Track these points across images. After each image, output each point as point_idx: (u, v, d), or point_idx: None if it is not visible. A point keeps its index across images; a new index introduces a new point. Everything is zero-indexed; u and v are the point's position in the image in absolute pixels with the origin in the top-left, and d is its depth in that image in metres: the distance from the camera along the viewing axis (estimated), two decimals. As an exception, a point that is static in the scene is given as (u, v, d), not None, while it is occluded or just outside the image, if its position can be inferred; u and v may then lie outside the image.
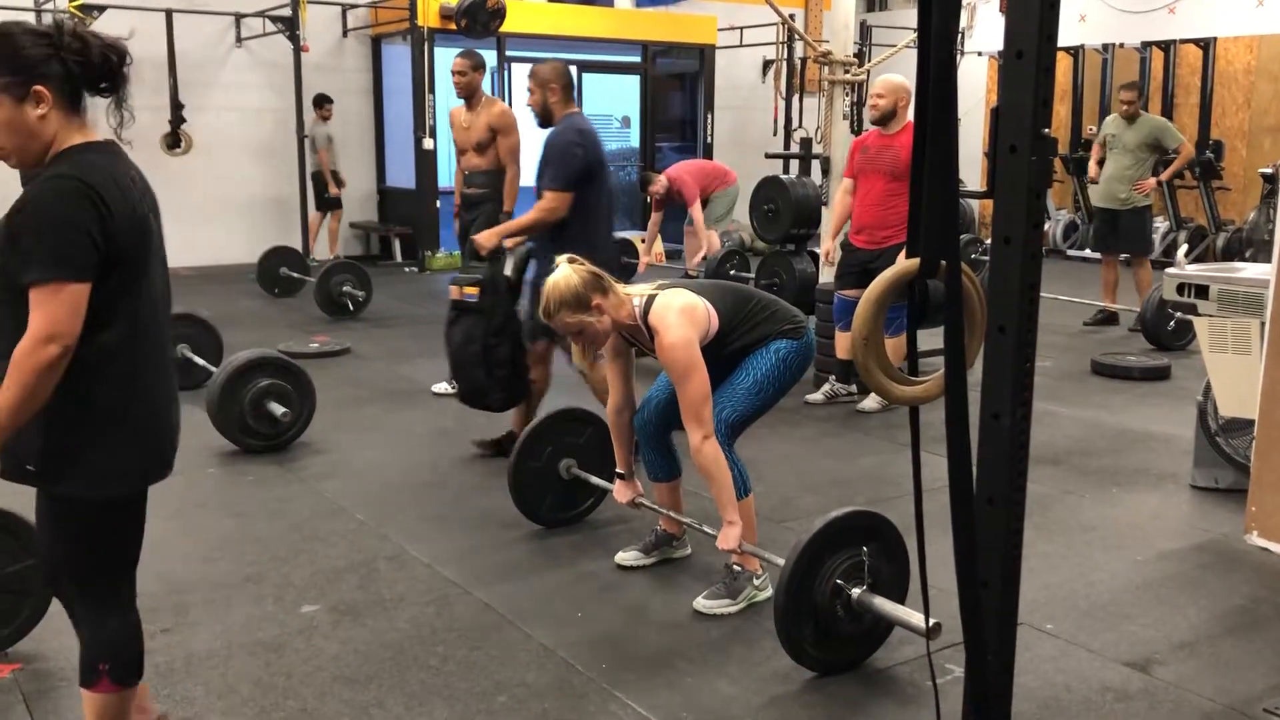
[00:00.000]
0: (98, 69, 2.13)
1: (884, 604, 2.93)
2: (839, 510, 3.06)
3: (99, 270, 2.04)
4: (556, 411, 4.13)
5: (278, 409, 5.01)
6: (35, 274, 1.98)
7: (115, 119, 2.18)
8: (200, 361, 6.04)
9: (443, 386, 6.11)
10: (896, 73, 5.92)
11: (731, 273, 8.46)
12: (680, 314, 3.30)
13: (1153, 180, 8.16)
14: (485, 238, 4.69)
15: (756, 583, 3.42)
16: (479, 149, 6.17)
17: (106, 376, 2.11)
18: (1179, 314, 4.56)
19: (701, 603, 3.39)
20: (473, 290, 4.63)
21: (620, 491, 3.77)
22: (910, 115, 5.89)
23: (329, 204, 11.47)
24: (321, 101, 11.35)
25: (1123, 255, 8.43)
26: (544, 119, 4.74)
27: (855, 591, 2.94)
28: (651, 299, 3.35)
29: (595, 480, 4.03)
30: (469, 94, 6.11)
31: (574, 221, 4.54)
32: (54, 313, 1.98)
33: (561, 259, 3.37)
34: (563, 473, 4.06)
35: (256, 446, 5.02)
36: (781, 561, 2.97)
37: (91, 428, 2.12)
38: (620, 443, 3.72)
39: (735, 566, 3.43)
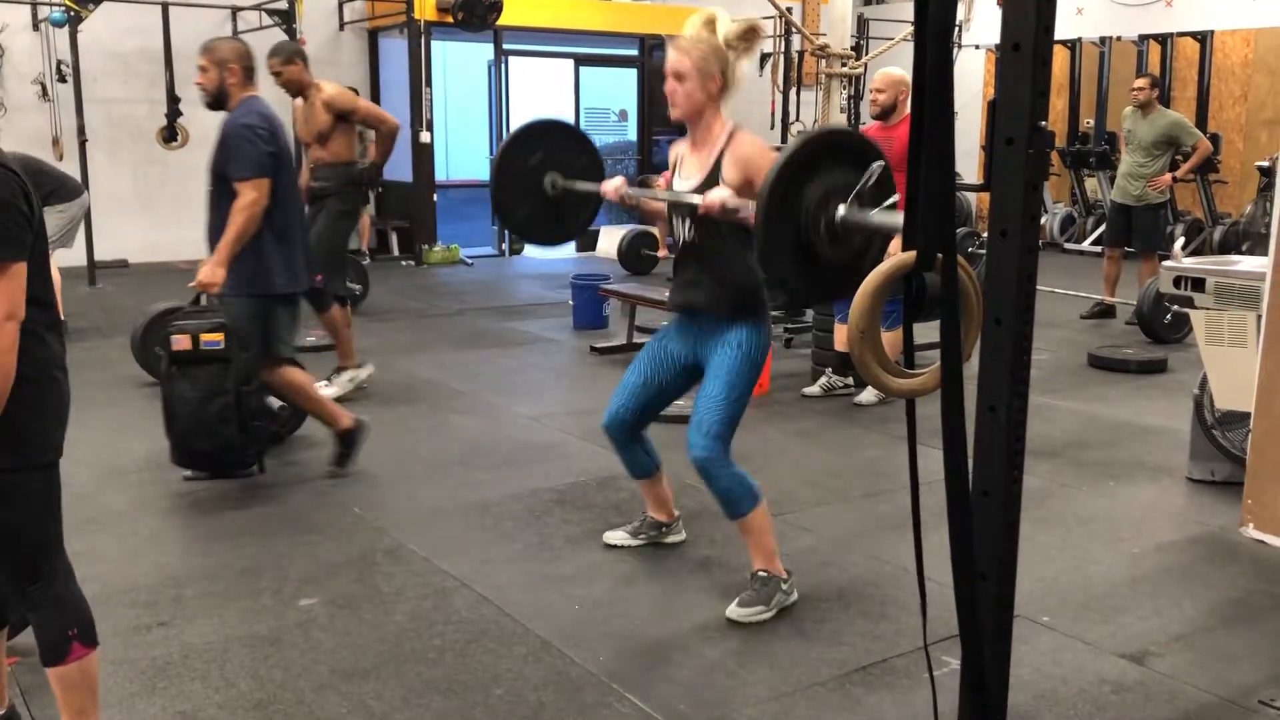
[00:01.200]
0: None
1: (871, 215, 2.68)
2: (820, 129, 2.91)
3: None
4: (557, 121, 3.97)
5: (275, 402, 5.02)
6: None
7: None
8: None
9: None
10: (895, 66, 5.92)
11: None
12: (765, 150, 3.25)
13: (1167, 177, 8.12)
14: (209, 274, 4.23)
15: (785, 587, 3.39)
16: (320, 140, 5.96)
17: (31, 347, 2.14)
18: (1175, 307, 4.55)
19: (736, 610, 3.32)
20: (214, 336, 4.19)
21: (608, 184, 3.64)
22: (906, 108, 5.90)
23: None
24: None
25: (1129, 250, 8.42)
26: (216, 101, 4.39)
27: (840, 209, 2.69)
28: (737, 129, 3.31)
29: (581, 186, 3.76)
30: (297, 89, 5.90)
31: (269, 215, 4.30)
32: (9, 292, 2.04)
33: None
34: (547, 188, 3.82)
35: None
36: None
37: (29, 397, 2.15)
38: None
39: (762, 573, 3.37)
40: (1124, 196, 8.14)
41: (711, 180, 3.25)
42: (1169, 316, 7.28)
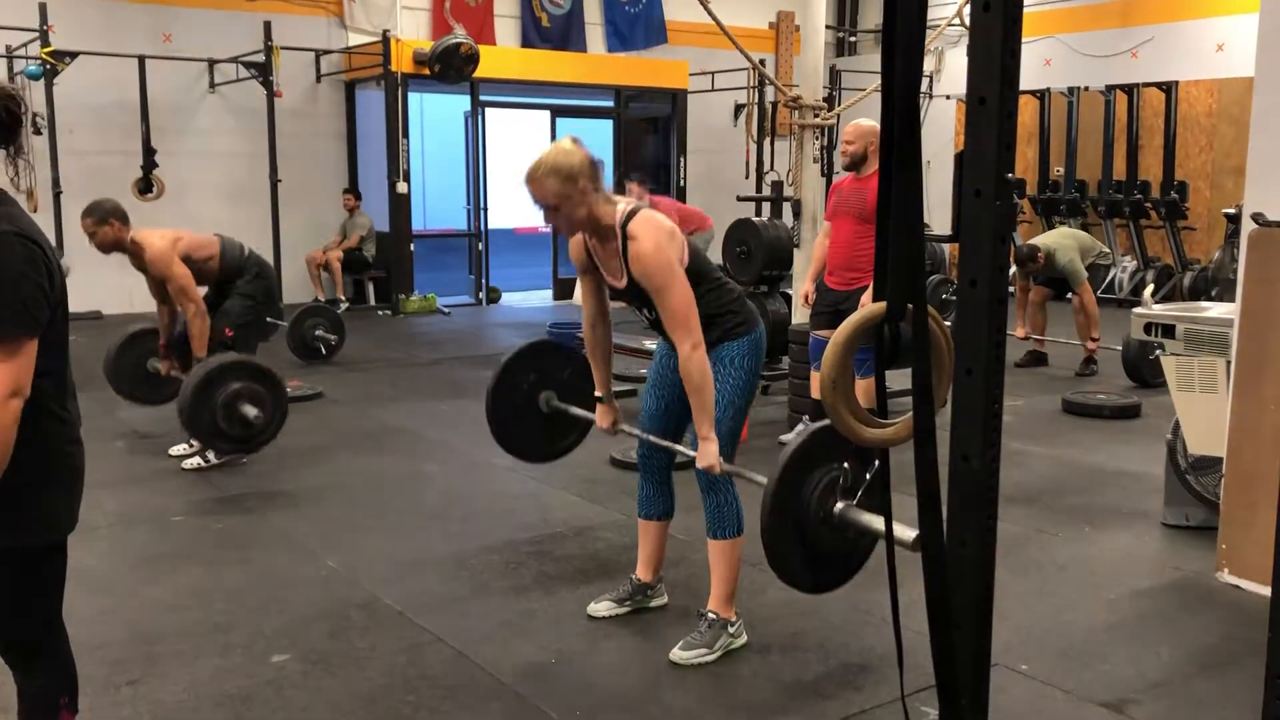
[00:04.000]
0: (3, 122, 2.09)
1: (868, 516, 2.87)
2: (817, 425, 2.99)
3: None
4: (538, 341, 4.01)
5: (250, 411, 5.16)
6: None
7: (11, 171, 2.17)
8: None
9: (182, 448, 5.72)
10: (867, 117, 5.99)
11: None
12: (660, 228, 3.21)
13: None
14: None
15: (731, 630, 3.39)
16: (165, 296, 5.67)
17: (44, 423, 2.11)
18: (1159, 351, 4.57)
19: (678, 654, 3.32)
20: None
21: (601, 416, 3.68)
22: (877, 160, 5.95)
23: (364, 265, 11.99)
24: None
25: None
26: None
27: (838, 506, 2.89)
28: (635, 210, 3.26)
29: (576, 411, 3.85)
30: (115, 248, 5.45)
31: None
32: (17, 368, 1.98)
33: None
34: (542, 405, 3.89)
35: (228, 449, 5.31)
36: (763, 480, 2.95)
37: (39, 474, 2.12)
38: (597, 361, 3.63)
39: (710, 614, 3.39)
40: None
41: (634, 286, 3.28)
42: (1156, 354, 7.33)
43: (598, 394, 3.70)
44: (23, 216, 2.08)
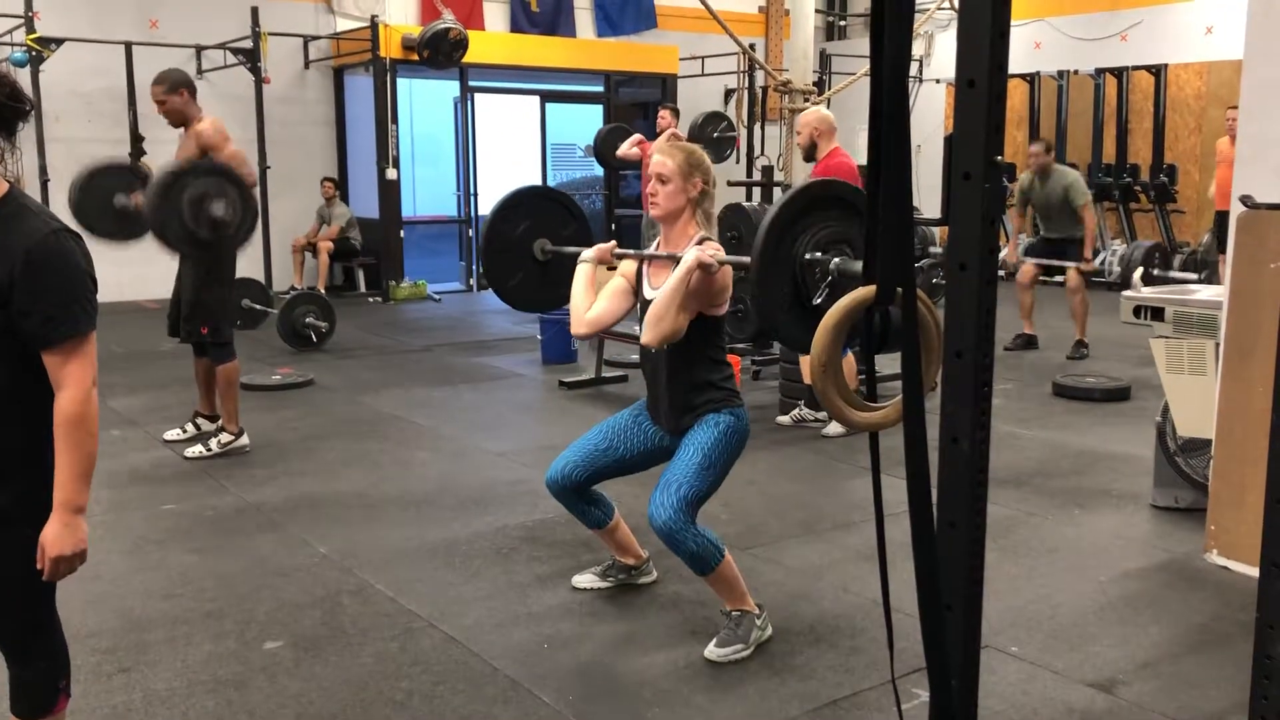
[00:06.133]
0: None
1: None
2: (807, 182, 2.96)
3: None
4: (527, 189, 3.96)
5: (218, 209, 5.04)
6: (78, 327, 2.06)
7: (11, 160, 2.20)
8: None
9: (176, 433, 5.75)
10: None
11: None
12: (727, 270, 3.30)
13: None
14: None
15: (759, 622, 3.37)
16: None
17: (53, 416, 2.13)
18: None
19: (714, 651, 3.27)
20: None
21: (599, 249, 3.60)
22: (833, 143, 5.94)
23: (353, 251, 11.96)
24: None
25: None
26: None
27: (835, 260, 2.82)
28: (708, 238, 3.38)
29: (571, 250, 3.77)
30: (180, 121, 5.49)
31: None
32: (92, 360, 2.10)
33: None
34: (537, 253, 3.84)
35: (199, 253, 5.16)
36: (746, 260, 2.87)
37: (53, 464, 2.13)
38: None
39: (735, 612, 3.35)
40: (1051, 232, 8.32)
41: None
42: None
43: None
44: (47, 209, 2.15)
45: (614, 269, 3.59)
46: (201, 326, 5.40)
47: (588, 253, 3.58)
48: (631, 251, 3.59)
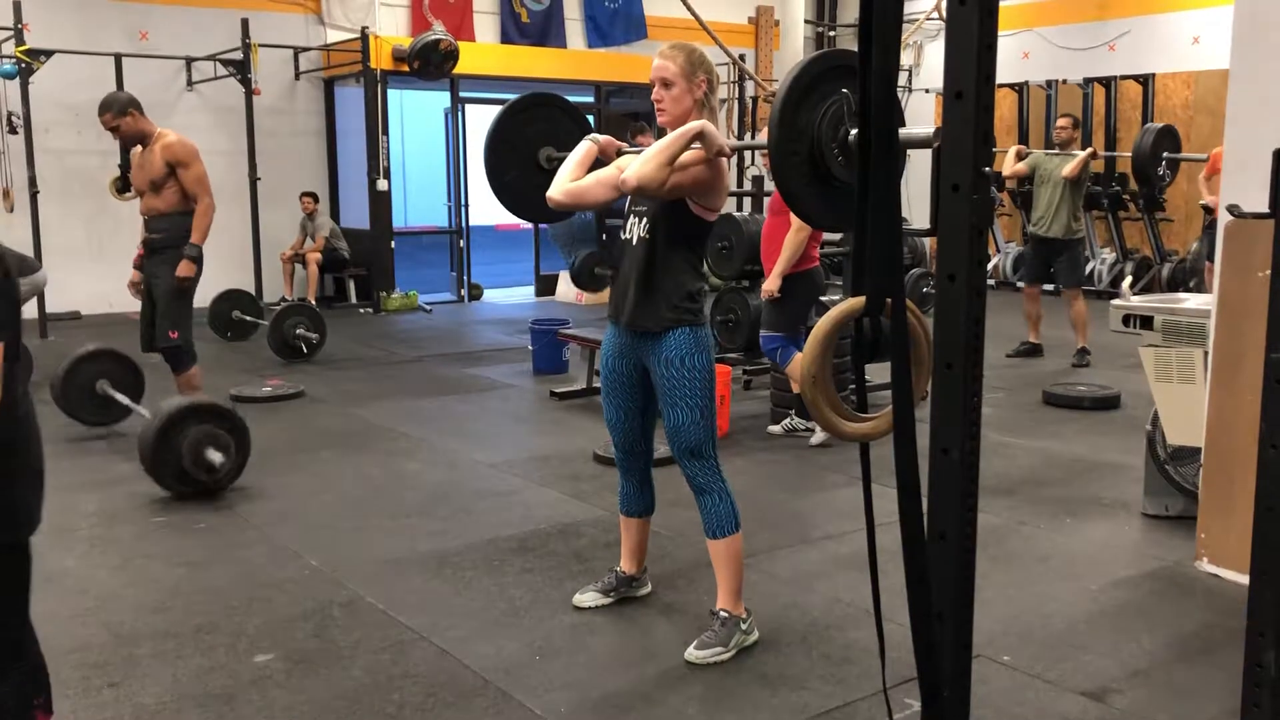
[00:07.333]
0: None
1: None
2: (821, 52, 2.85)
3: None
4: (559, 99, 3.92)
5: (216, 456, 4.92)
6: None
7: None
8: (120, 398, 6.04)
9: None
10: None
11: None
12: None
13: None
14: None
15: (744, 627, 3.38)
16: (154, 188, 5.64)
17: (11, 420, 2.17)
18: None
19: (694, 653, 3.30)
20: None
21: (605, 137, 3.56)
22: None
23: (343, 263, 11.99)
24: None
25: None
26: None
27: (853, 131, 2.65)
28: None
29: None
30: (137, 140, 5.68)
31: None
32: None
33: None
34: (543, 161, 3.80)
35: (190, 494, 4.94)
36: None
37: (9, 471, 2.15)
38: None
39: (723, 613, 3.37)
40: (1044, 231, 8.26)
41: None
42: None
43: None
44: None
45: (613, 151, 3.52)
46: (170, 330, 5.61)
47: (596, 135, 3.58)
48: (636, 148, 3.53)
